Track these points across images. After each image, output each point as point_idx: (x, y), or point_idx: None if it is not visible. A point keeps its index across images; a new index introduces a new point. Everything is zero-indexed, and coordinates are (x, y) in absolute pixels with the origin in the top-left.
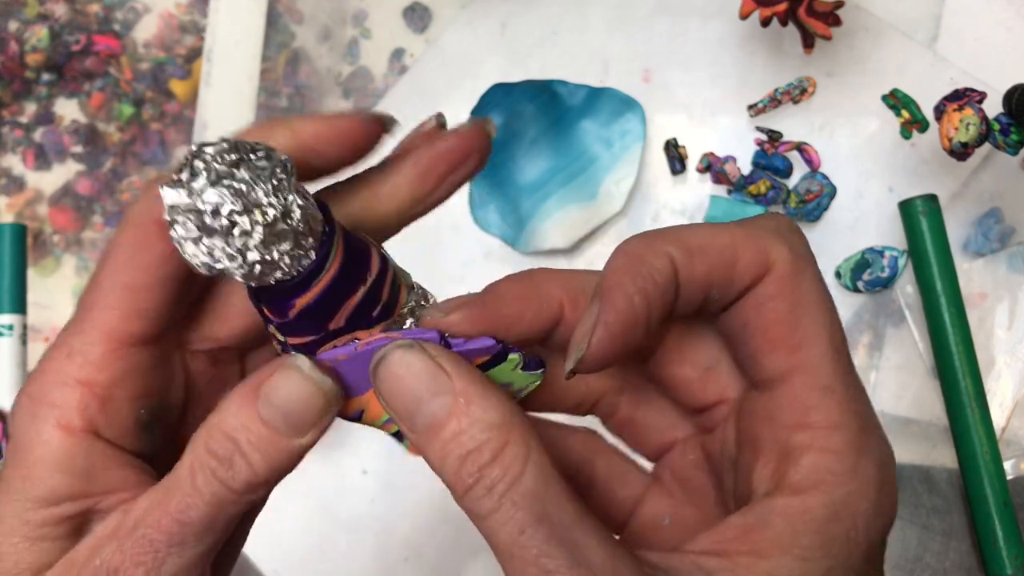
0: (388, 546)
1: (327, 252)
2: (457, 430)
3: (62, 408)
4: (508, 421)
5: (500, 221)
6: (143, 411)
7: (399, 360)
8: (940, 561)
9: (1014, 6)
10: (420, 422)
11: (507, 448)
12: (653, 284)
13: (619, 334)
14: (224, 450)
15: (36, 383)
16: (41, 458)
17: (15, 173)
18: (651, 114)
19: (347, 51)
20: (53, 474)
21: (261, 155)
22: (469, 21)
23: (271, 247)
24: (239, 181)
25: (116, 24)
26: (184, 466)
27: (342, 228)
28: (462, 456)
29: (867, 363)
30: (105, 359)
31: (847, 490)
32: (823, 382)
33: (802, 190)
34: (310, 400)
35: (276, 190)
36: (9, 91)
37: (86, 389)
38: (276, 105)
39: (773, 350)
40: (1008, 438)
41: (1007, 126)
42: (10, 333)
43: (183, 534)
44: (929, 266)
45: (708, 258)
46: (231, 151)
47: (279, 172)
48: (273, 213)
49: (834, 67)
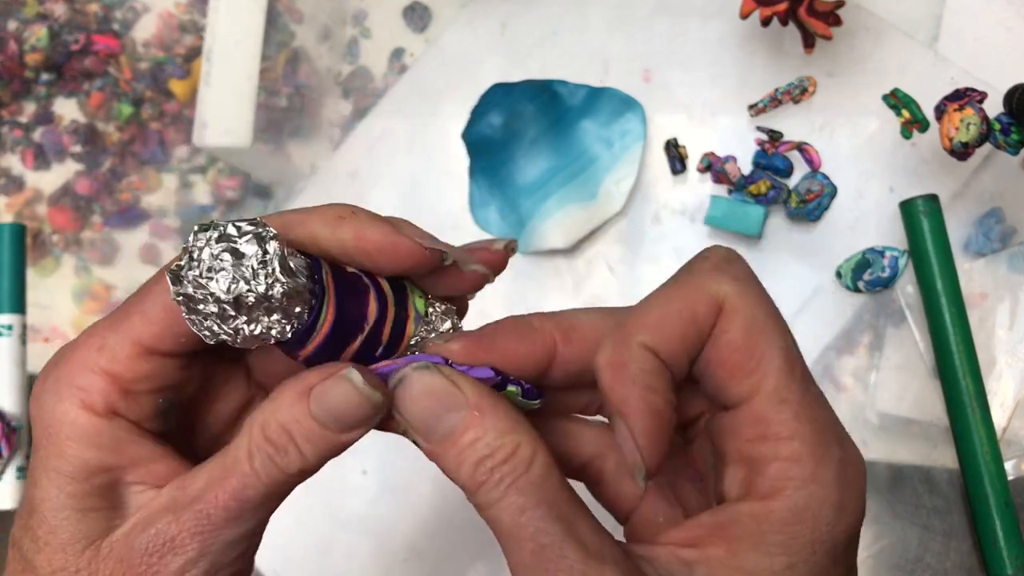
0: (388, 546)
1: (316, 317)
2: (474, 439)
3: (87, 391)
4: (518, 427)
5: (500, 221)
6: (162, 402)
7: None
8: (941, 561)
9: (1014, 6)
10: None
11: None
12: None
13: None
14: (280, 439)
15: (64, 367)
16: (71, 436)
17: (14, 173)
18: (651, 114)
19: (347, 51)
20: (85, 449)
21: (248, 238)
22: (469, 21)
23: (257, 322)
24: (224, 271)
25: (115, 24)
26: (242, 449)
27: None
28: (477, 460)
29: (867, 363)
30: (132, 360)
31: (807, 493)
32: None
33: (802, 190)
34: (359, 408)
35: (257, 274)
36: (8, 91)
37: (111, 380)
38: (276, 105)
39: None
40: (1009, 438)
41: (1008, 126)
42: (9, 333)
43: (240, 510)
44: (930, 266)
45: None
46: (220, 239)
47: (262, 256)
48: (253, 297)
49: (835, 67)
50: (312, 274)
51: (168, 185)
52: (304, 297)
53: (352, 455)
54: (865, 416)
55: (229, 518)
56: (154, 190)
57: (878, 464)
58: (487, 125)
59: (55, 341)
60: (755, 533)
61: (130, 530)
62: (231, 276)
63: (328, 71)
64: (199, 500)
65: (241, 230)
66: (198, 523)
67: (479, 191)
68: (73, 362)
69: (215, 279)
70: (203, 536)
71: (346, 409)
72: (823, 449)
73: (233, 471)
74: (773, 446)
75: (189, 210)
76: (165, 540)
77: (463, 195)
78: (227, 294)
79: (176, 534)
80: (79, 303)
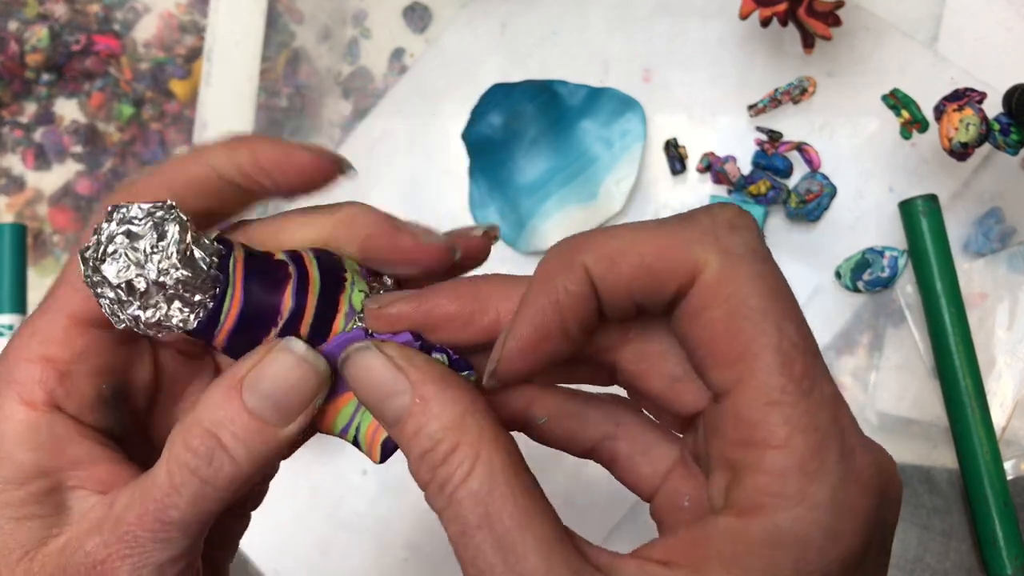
0: (388, 546)
1: (219, 307)
2: (415, 429)
3: (23, 384)
4: (461, 422)
5: (500, 221)
6: (104, 386)
7: (359, 361)
8: (940, 561)
9: (1014, 6)
10: (388, 416)
11: (458, 450)
12: (565, 295)
13: (530, 347)
14: (204, 447)
15: (2, 366)
16: (7, 436)
17: (15, 173)
18: (651, 114)
19: (347, 51)
20: (21, 452)
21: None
22: (469, 21)
23: (155, 308)
24: (116, 254)
25: (116, 24)
26: (162, 465)
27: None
28: (420, 454)
29: (867, 363)
30: (66, 336)
31: (792, 515)
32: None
33: (802, 190)
34: (301, 382)
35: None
36: (9, 91)
37: (46, 364)
38: (276, 105)
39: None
40: (1008, 438)
41: (1007, 126)
42: (10, 333)
43: (166, 531)
44: (929, 266)
45: (625, 267)
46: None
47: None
48: (144, 283)
49: (834, 67)
50: (219, 262)
51: None
52: (206, 286)
53: (352, 455)
54: (865, 416)
55: (156, 540)
56: None
57: None
58: (487, 125)
59: None
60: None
61: (63, 547)
62: (122, 260)
63: (328, 71)
64: (123, 522)
65: (144, 212)
66: (125, 546)
67: (479, 191)
68: (8, 357)
69: (107, 262)
70: (133, 559)
71: (287, 386)
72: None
73: (153, 490)
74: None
75: None
76: (95, 562)
77: (463, 195)
78: (117, 278)
79: (105, 558)
80: None
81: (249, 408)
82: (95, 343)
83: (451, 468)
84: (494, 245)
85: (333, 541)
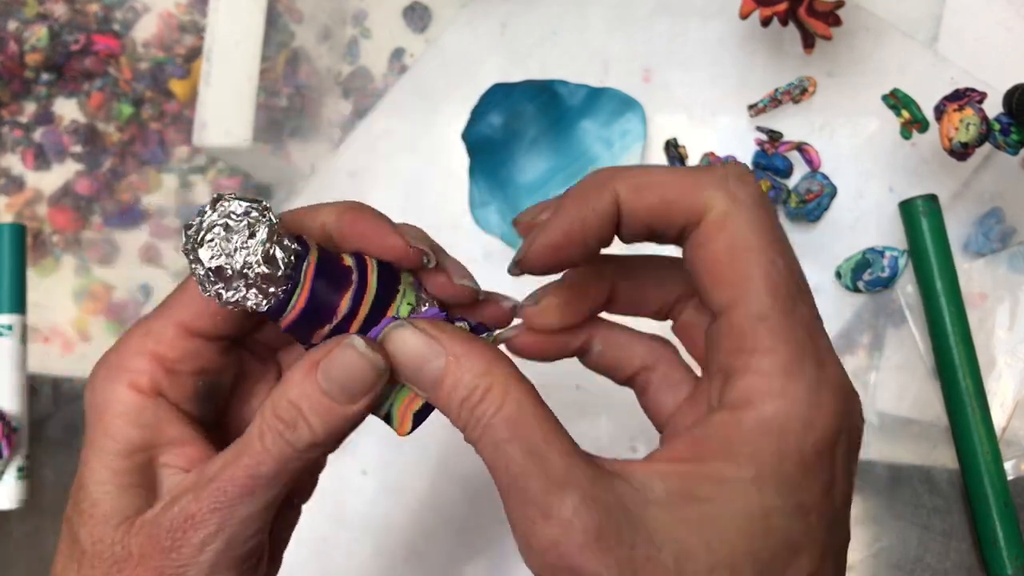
0: (388, 546)
1: (286, 302)
2: (454, 382)
3: (134, 372)
4: (490, 370)
5: (500, 221)
6: (201, 383)
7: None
8: (940, 561)
9: (1014, 6)
10: (427, 382)
11: (491, 391)
12: (593, 212)
13: (552, 249)
14: (289, 415)
15: (115, 354)
16: (118, 414)
17: (14, 173)
18: (651, 114)
19: (347, 51)
20: (129, 427)
21: (243, 220)
22: (469, 21)
23: (235, 291)
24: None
25: (115, 24)
26: (254, 429)
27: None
28: (460, 402)
29: (867, 363)
30: (175, 342)
31: (774, 407)
32: (758, 313)
33: (802, 190)
34: (363, 372)
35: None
36: (8, 91)
37: (156, 360)
38: (276, 105)
39: (715, 285)
40: (1008, 438)
41: (1007, 126)
42: (10, 333)
43: (254, 486)
44: (929, 266)
45: (649, 197)
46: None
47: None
48: (231, 271)
49: (834, 67)
50: (296, 263)
51: (168, 185)
52: (280, 282)
53: (352, 455)
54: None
55: (244, 494)
56: (154, 190)
57: (878, 464)
58: (487, 125)
59: (55, 341)
60: (725, 444)
61: (159, 510)
62: (216, 248)
63: (328, 71)
64: (216, 479)
65: (243, 209)
66: (216, 500)
67: (479, 191)
68: (123, 348)
69: (204, 247)
70: (221, 512)
71: (351, 375)
72: (796, 367)
73: (246, 450)
74: (747, 359)
75: (189, 210)
76: (187, 517)
77: (463, 195)
78: (209, 262)
79: (196, 511)
80: (79, 303)
81: (323, 388)
82: (198, 349)
83: (486, 405)
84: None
85: (333, 541)
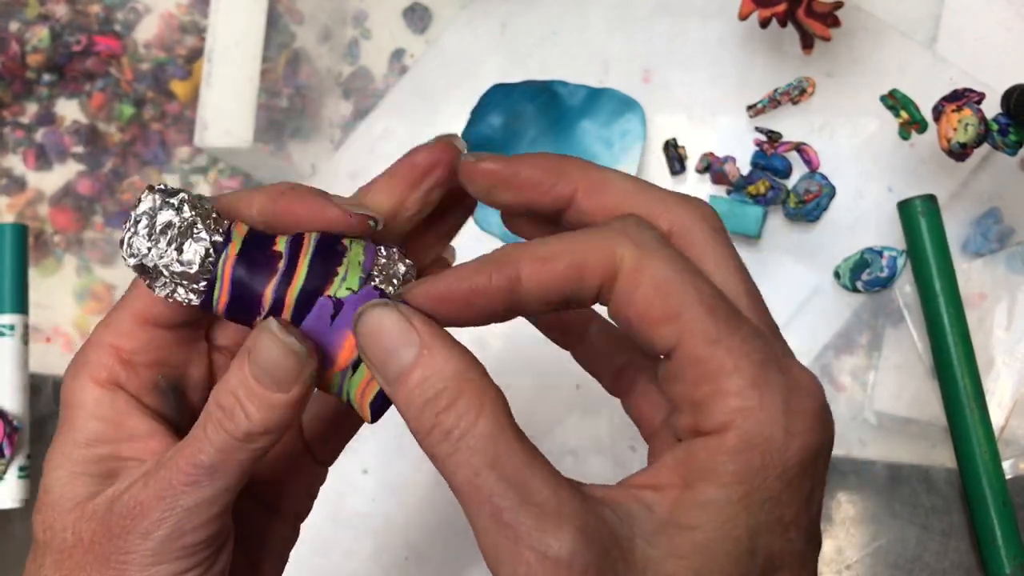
0: (388, 546)
1: (209, 296)
2: (421, 378)
3: (93, 364)
4: (464, 374)
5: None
6: (161, 377)
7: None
8: (939, 561)
9: (1014, 6)
10: (392, 370)
11: (462, 398)
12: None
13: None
14: (228, 403)
15: (82, 350)
16: (80, 406)
17: (16, 173)
18: (651, 114)
19: (347, 51)
20: (87, 420)
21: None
22: (469, 21)
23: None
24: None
25: (117, 24)
26: (199, 420)
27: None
28: (424, 402)
29: (866, 363)
30: (132, 332)
31: (756, 420)
32: (708, 337)
33: (801, 190)
34: (285, 359)
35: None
36: (10, 91)
37: (113, 351)
38: (276, 105)
39: (656, 325)
40: (1007, 438)
41: (1006, 126)
42: (11, 333)
43: (196, 475)
44: (928, 266)
45: (557, 266)
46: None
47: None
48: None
49: (833, 67)
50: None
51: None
52: (197, 278)
53: (352, 455)
54: (863, 416)
55: (187, 483)
56: None
57: (876, 463)
58: (487, 125)
59: (57, 341)
60: (709, 466)
61: (110, 498)
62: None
63: (328, 72)
64: (163, 467)
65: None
66: (161, 488)
67: None
68: (87, 343)
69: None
70: (165, 501)
71: (274, 360)
72: (764, 379)
73: (190, 440)
74: (715, 383)
75: None
76: (135, 504)
77: None
78: (132, 258)
79: (144, 498)
80: (80, 303)
81: (252, 375)
82: (155, 339)
83: (457, 414)
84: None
85: (334, 541)
